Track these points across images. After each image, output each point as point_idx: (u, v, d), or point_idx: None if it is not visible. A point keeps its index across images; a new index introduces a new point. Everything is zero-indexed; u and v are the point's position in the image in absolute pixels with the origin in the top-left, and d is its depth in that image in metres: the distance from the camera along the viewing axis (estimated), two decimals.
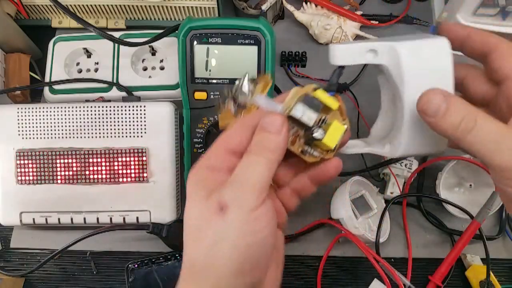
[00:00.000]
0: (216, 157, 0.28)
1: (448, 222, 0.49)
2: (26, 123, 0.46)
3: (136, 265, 0.48)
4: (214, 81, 0.45)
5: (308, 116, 0.29)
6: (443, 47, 0.30)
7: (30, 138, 0.46)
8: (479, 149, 0.27)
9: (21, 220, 0.47)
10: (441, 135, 0.29)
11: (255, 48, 0.44)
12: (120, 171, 0.46)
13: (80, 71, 0.52)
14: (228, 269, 0.25)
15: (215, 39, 0.44)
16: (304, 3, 0.56)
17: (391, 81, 0.32)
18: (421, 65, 0.31)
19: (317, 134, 0.29)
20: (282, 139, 0.28)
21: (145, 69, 0.52)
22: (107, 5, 0.53)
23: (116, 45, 0.51)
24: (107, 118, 0.46)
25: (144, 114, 0.46)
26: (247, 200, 0.26)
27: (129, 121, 0.46)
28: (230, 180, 0.27)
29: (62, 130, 0.46)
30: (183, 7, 0.53)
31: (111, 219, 0.46)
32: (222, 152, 0.28)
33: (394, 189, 0.48)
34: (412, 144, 0.32)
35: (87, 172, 0.46)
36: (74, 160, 0.46)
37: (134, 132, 0.46)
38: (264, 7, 0.52)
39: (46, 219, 0.46)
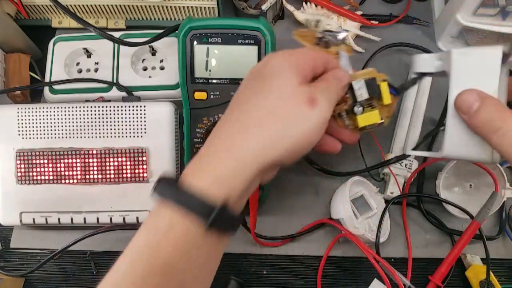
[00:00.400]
0: (315, 59, 0.32)
1: (448, 222, 0.49)
2: (26, 123, 0.46)
3: None
4: (214, 81, 0.45)
5: (361, 92, 0.35)
6: (494, 54, 0.32)
7: (30, 138, 0.46)
8: (504, 150, 0.29)
9: (21, 220, 0.47)
10: (474, 132, 0.31)
11: (255, 48, 0.44)
12: (120, 171, 0.46)
13: (80, 71, 0.52)
14: (283, 151, 0.29)
15: (215, 39, 0.44)
16: (304, 3, 0.56)
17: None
18: (470, 69, 0.33)
19: (356, 109, 0.35)
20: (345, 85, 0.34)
21: (145, 69, 0.52)
22: (107, 5, 0.53)
23: (116, 45, 0.51)
24: (107, 118, 0.46)
25: (144, 114, 0.46)
26: (332, 104, 0.31)
27: (129, 121, 0.46)
28: (322, 84, 0.31)
29: (62, 130, 0.46)
30: (183, 7, 0.53)
31: (111, 219, 0.46)
32: (313, 62, 0.32)
33: (394, 189, 0.48)
34: (455, 145, 0.34)
35: (87, 172, 0.46)
36: (74, 160, 0.46)
37: (134, 132, 0.46)
38: (264, 7, 0.52)
39: (46, 219, 0.46)
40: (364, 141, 0.51)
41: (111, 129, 0.46)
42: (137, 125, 0.46)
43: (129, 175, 0.46)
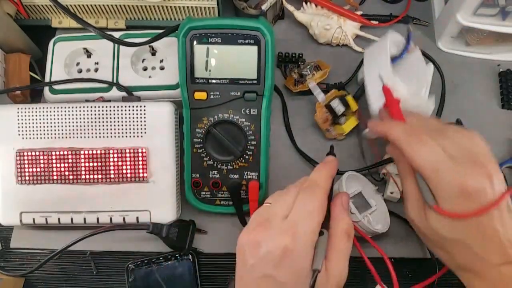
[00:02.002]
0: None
1: None
2: (26, 123, 0.46)
3: (136, 265, 0.48)
4: (214, 81, 0.45)
5: (339, 108, 0.49)
6: (384, 40, 0.46)
7: (30, 138, 0.46)
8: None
9: (21, 220, 0.47)
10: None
11: (255, 48, 0.44)
12: (120, 171, 0.46)
13: (80, 71, 0.52)
14: None
15: (215, 39, 0.44)
16: (304, 3, 0.56)
17: None
18: (371, 56, 0.47)
19: (341, 120, 0.50)
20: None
21: (145, 69, 0.52)
22: (107, 5, 0.53)
23: (116, 45, 0.51)
24: (107, 118, 0.46)
25: (144, 114, 0.46)
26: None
27: (129, 121, 0.46)
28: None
29: (62, 130, 0.46)
30: (183, 7, 0.53)
31: (111, 219, 0.46)
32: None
33: (394, 189, 0.48)
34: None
35: (87, 172, 0.46)
36: (74, 160, 0.46)
37: (134, 132, 0.46)
38: (264, 7, 0.52)
39: (46, 219, 0.46)
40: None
41: (111, 129, 0.46)
42: (137, 125, 0.46)
43: (129, 175, 0.46)
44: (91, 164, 0.46)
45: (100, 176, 0.46)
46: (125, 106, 0.46)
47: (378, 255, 0.49)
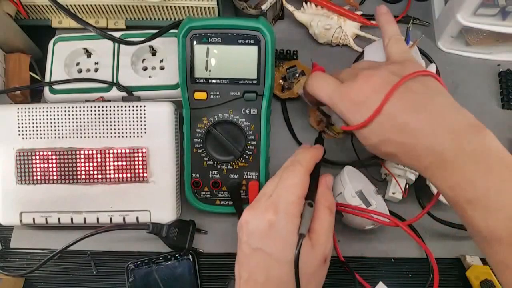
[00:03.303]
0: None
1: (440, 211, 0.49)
2: (26, 123, 0.46)
3: (136, 265, 0.48)
4: (214, 81, 0.45)
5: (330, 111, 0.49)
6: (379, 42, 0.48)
7: (30, 138, 0.46)
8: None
9: (21, 220, 0.47)
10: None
11: (255, 48, 0.44)
12: (120, 171, 0.46)
13: (80, 71, 0.52)
14: None
15: (215, 39, 0.44)
16: (304, 3, 0.56)
17: None
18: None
19: (336, 124, 0.50)
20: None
21: (145, 69, 0.52)
22: (107, 5, 0.53)
23: (116, 45, 0.51)
24: (107, 118, 0.46)
25: (144, 114, 0.46)
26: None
27: (129, 121, 0.46)
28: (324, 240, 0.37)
29: (62, 130, 0.46)
30: (183, 7, 0.53)
31: (111, 219, 0.46)
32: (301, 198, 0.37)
33: (396, 190, 0.48)
34: None
35: (87, 172, 0.46)
36: (74, 160, 0.46)
37: (134, 132, 0.46)
38: (264, 7, 0.52)
39: (46, 219, 0.47)
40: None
41: (111, 129, 0.46)
42: (137, 125, 0.46)
43: (129, 175, 0.46)
44: (91, 164, 0.46)
45: (100, 176, 0.46)
46: (125, 106, 0.46)
47: (378, 255, 0.49)
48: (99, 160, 0.46)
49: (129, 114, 0.46)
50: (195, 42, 0.44)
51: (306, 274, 0.35)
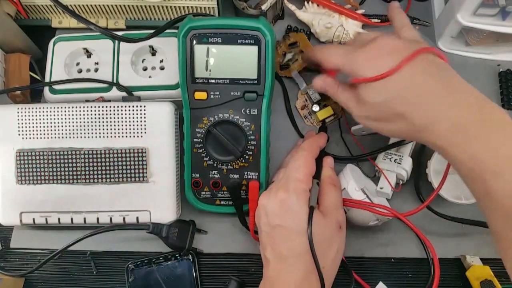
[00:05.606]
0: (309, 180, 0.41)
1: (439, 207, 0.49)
2: (26, 123, 0.46)
3: (136, 265, 0.48)
4: (214, 81, 0.45)
5: (315, 96, 0.52)
6: None
7: (30, 138, 0.46)
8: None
9: (21, 220, 0.47)
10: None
11: (255, 48, 0.44)
12: (120, 171, 0.46)
13: (80, 71, 0.52)
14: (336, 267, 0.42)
15: (215, 39, 0.44)
16: (305, 2, 0.56)
17: None
18: None
19: (314, 108, 0.53)
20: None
21: (145, 69, 0.52)
22: (107, 5, 0.53)
23: (116, 44, 0.51)
24: (107, 118, 0.46)
25: (144, 114, 0.46)
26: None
27: (129, 121, 0.46)
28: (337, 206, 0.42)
29: (62, 130, 0.46)
30: (183, 7, 0.53)
31: (111, 219, 0.46)
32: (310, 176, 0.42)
33: (384, 184, 0.47)
34: None
35: (87, 172, 0.46)
36: (74, 160, 0.46)
37: (134, 132, 0.46)
38: (264, 7, 0.52)
39: (46, 219, 0.46)
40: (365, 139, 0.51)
41: (111, 129, 0.46)
42: (137, 125, 0.46)
43: (129, 175, 0.46)
44: (91, 164, 0.46)
45: (100, 176, 0.46)
46: (125, 106, 0.46)
47: (378, 255, 0.49)
48: (99, 160, 0.46)
49: (129, 114, 0.46)
50: (195, 42, 0.44)
51: (323, 242, 0.39)
